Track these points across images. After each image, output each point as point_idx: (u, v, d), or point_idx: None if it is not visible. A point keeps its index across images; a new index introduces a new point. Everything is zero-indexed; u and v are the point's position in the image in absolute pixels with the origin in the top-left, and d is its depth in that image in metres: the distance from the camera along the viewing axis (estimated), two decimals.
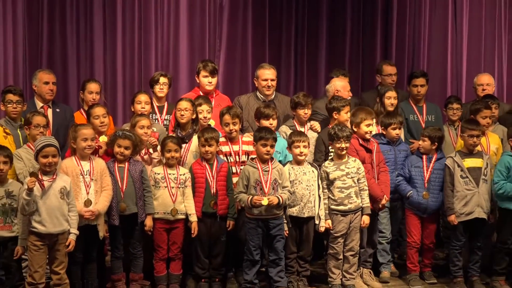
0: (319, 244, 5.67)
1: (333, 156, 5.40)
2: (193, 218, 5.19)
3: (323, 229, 5.29)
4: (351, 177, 5.26)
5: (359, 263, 5.46)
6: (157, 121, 5.88)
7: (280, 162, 5.31)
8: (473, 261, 5.52)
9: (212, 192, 5.22)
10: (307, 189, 5.23)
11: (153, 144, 5.38)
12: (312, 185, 5.26)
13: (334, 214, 5.28)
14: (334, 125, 5.37)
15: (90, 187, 4.86)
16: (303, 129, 5.69)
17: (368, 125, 5.46)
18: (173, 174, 5.20)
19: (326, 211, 5.29)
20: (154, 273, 5.25)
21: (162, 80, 5.99)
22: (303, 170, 5.27)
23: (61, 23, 6.96)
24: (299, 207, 5.22)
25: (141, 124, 5.31)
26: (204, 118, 5.56)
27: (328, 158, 5.49)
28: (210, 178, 5.23)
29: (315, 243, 5.46)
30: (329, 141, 5.39)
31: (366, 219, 5.32)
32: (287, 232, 5.21)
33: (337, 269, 5.33)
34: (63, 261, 4.63)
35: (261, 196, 5.01)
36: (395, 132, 5.67)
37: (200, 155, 5.32)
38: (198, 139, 5.28)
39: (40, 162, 4.59)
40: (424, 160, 5.58)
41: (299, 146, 5.20)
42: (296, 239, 5.29)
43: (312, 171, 5.31)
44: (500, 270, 5.49)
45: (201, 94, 6.01)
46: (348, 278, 5.33)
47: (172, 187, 5.17)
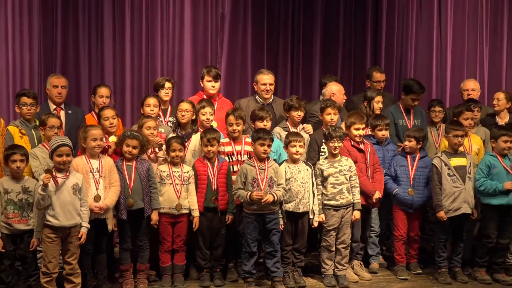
0: (313, 237, 5.69)
1: (327, 155, 5.43)
2: (196, 213, 5.20)
3: (316, 223, 5.30)
4: (344, 174, 5.29)
5: (351, 255, 5.49)
6: (161, 122, 5.85)
7: (274, 161, 5.31)
8: (456, 253, 5.55)
9: (213, 188, 5.23)
10: (302, 186, 5.24)
11: (158, 143, 5.39)
12: (307, 182, 5.27)
13: (327, 209, 5.30)
14: (329, 126, 5.40)
15: (99, 184, 4.87)
16: (296, 130, 5.69)
17: (357, 129, 5.47)
18: (178, 172, 5.21)
19: (320, 206, 5.31)
20: (160, 264, 5.27)
21: (167, 85, 6.00)
22: (298, 169, 5.28)
23: (73, 32, 6.95)
24: (294, 203, 5.23)
25: (148, 125, 5.33)
26: (207, 119, 5.56)
27: (320, 157, 5.51)
28: (211, 176, 5.24)
29: (309, 236, 5.46)
30: (324, 140, 5.42)
31: (357, 214, 5.35)
32: (282, 226, 5.22)
33: (330, 260, 5.35)
34: (75, 252, 4.66)
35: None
36: (381, 133, 5.70)
37: (203, 153, 5.33)
38: (200, 139, 5.30)
39: (55, 160, 4.61)
40: (409, 160, 5.60)
41: (295, 146, 5.22)
42: (292, 232, 5.30)
43: (307, 169, 5.32)
44: (482, 262, 5.53)
45: (205, 97, 6.02)
46: (340, 269, 5.35)
47: (177, 184, 5.17)
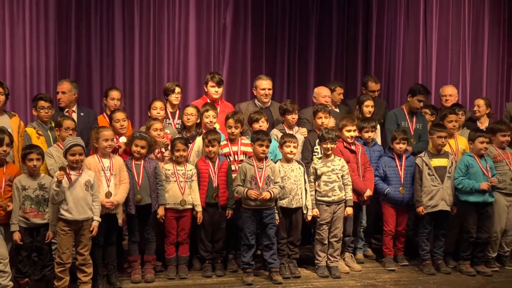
0: (307, 231, 5.71)
1: (321, 155, 5.46)
2: (199, 208, 5.22)
3: (309, 217, 5.33)
4: (336, 173, 5.31)
5: (343, 248, 5.51)
6: (170, 125, 5.87)
7: (271, 160, 5.33)
8: (438, 247, 5.59)
9: (214, 185, 5.25)
10: (295, 183, 5.26)
11: (165, 144, 5.42)
12: (299, 180, 5.30)
13: (320, 204, 5.33)
14: (323, 128, 5.41)
15: (110, 181, 4.88)
16: (291, 132, 5.71)
17: (349, 131, 5.50)
18: (181, 170, 5.23)
19: (313, 202, 5.33)
20: (165, 255, 5.29)
21: (177, 90, 6.00)
22: (291, 167, 5.31)
23: (86, 40, 6.96)
24: (288, 199, 5.26)
25: (155, 127, 5.35)
26: (210, 122, 5.59)
27: (314, 157, 5.54)
28: (212, 174, 5.26)
29: (303, 230, 5.48)
30: (318, 141, 5.45)
31: (349, 210, 5.37)
32: (278, 220, 5.25)
33: (323, 252, 5.38)
34: (87, 244, 4.68)
35: (256, 190, 5.05)
36: (367, 135, 5.72)
37: (205, 153, 5.35)
38: (202, 140, 5.32)
39: (68, 159, 4.63)
40: (397, 160, 5.62)
41: (289, 146, 5.25)
42: (286, 226, 5.32)
43: (299, 168, 5.34)
44: (466, 256, 5.55)
45: (208, 101, 6.03)
46: (332, 261, 5.38)
47: (181, 181, 5.19)
